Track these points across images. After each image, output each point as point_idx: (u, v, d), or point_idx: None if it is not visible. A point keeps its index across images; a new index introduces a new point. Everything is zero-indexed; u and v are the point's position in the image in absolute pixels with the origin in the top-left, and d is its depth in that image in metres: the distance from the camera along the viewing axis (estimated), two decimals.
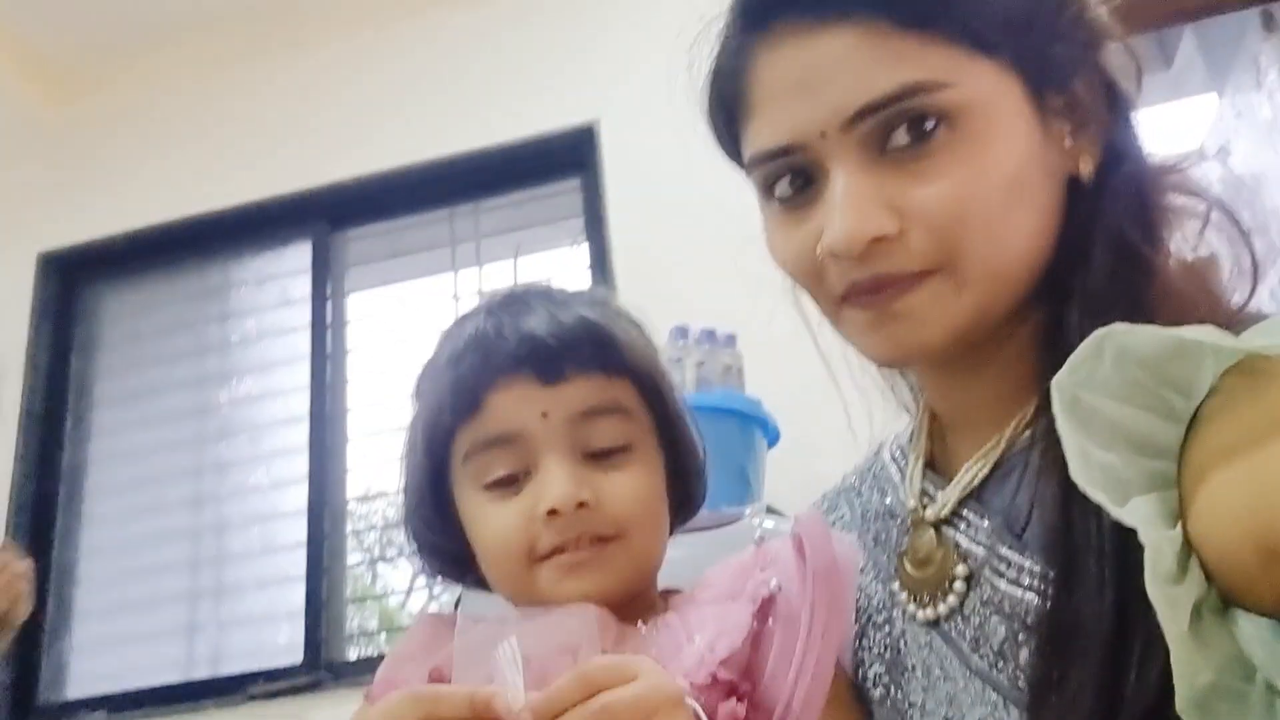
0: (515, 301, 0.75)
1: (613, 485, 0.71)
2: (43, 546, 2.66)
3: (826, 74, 0.63)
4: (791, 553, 0.69)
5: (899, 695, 0.69)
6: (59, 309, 2.91)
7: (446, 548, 0.77)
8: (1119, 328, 0.52)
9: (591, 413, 0.71)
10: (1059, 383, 0.53)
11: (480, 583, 0.77)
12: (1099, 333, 0.53)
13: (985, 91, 0.62)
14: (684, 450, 0.78)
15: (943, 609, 0.67)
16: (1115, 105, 0.67)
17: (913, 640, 0.69)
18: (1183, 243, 0.65)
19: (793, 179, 0.66)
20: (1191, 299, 0.62)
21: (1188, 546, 0.48)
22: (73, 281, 2.96)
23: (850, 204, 0.62)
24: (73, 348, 2.89)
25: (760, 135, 0.67)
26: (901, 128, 0.62)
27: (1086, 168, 0.65)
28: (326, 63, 2.92)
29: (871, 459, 0.83)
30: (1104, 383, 0.52)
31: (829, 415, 0.89)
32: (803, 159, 0.65)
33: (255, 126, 2.91)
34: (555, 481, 0.69)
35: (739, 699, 0.64)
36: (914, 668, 0.68)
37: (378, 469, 2.69)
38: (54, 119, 3.09)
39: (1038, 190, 0.64)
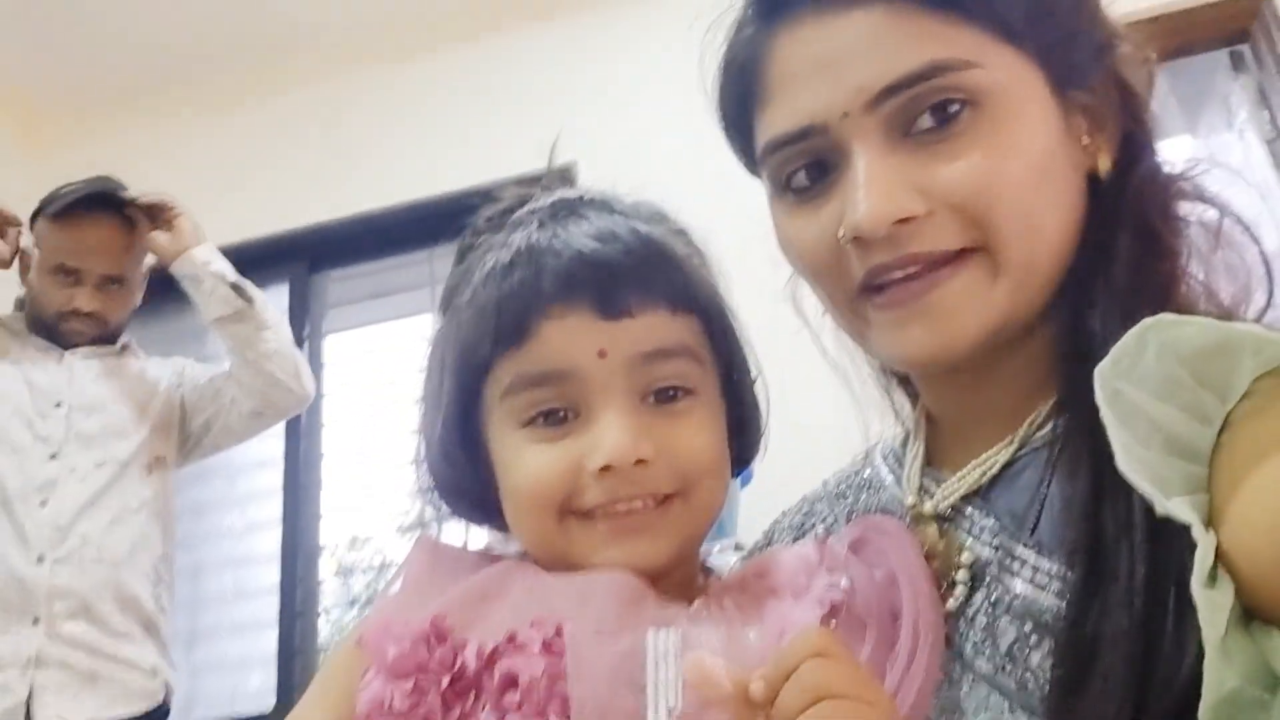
0: (571, 211, 0.66)
1: (676, 436, 0.62)
2: None
3: (850, 53, 0.61)
4: (854, 557, 0.64)
5: None
6: None
7: (469, 488, 0.67)
8: (1166, 318, 0.51)
9: (655, 355, 0.63)
10: (1102, 373, 0.51)
11: (504, 529, 0.68)
12: (1145, 322, 0.51)
13: (1011, 77, 0.61)
14: (747, 400, 0.70)
15: (951, 603, 0.64)
16: (1129, 107, 0.65)
17: None
18: (1194, 253, 0.64)
19: (809, 168, 0.64)
20: (1213, 304, 0.61)
21: (1216, 554, 0.47)
22: None
23: (875, 183, 0.60)
24: None
25: (776, 120, 0.65)
26: (926, 110, 0.60)
27: (1105, 164, 0.64)
28: (305, 105, 2.94)
29: (859, 464, 0.81)
30: (1144, 377, 0.50)
31: (799, 454, 0.89)
32: (822, 142, 0.63)
33: (234, 168, 2.92)
34: (612, 433, 0.60)
35: None
36: None
37: (359, 512, 2.66)
38: (36, 167, 3.09)
39: (1063, 181, 0.62)
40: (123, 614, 1.83)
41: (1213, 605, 0.45)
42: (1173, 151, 0.69)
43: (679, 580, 0.64)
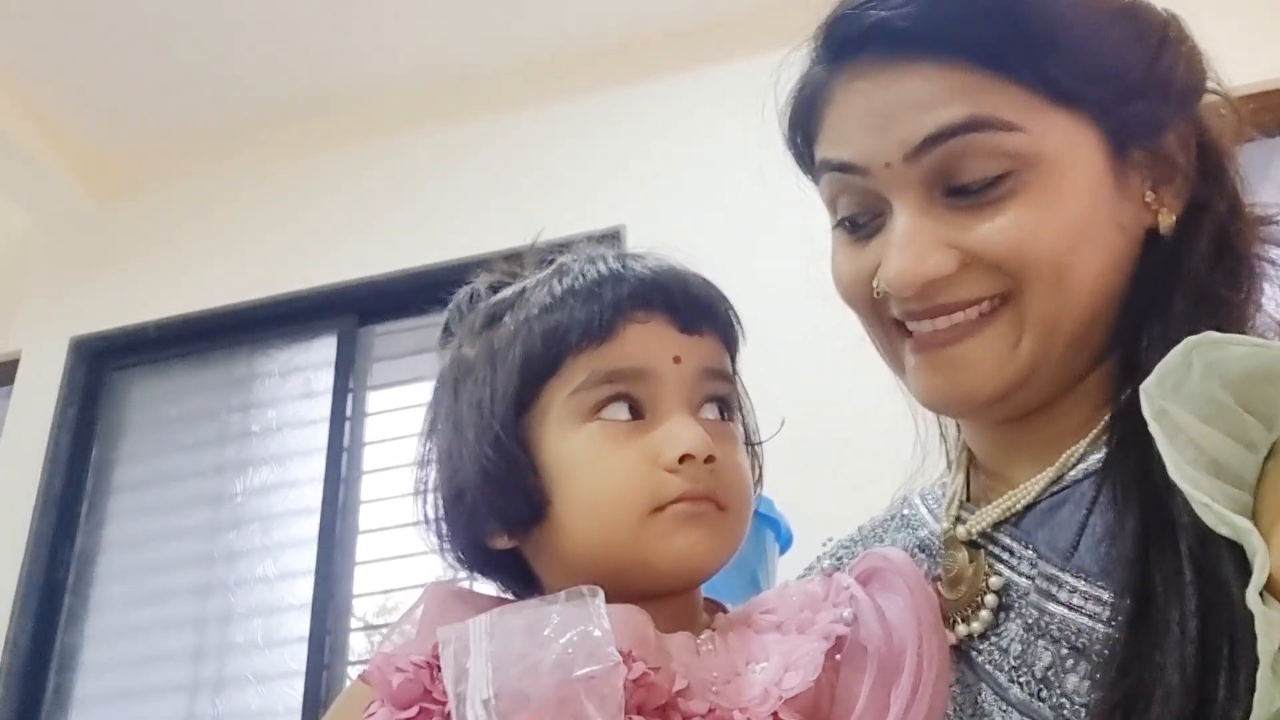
0: (632, 254, 0.71)
1: (727, 454, 0.65)
2: (48, 632, 2.64)
3: (898, 107, 0.63)
4: (863, 590, 0.64)
5: None
6: (85, 393, 2.93)
7: (516, 502, 0.64)
8: (1210, 337, 0.50)
9: (712, 374, 0.67)
10: (1147, 391, 0.51)
11: (512, 578, 0.68)
12: (1189, 340, 0.50)
13: (1058, 143, 0.61)
14: (750, 435, 0.73)
15: (975, 626, 0.64)
16: (1207, 158, 0.65)
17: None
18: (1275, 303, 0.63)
19: (858, 201, 0.66)
20: None
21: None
22: (102, 367, 2.99)
23: (908, 245, 0.62)
24: (95, 433, 2.91)
25: (829, 149, 0.68)
26: (967, 167, 0.61)
27: (1166, 221, 0.64)
28: (359, 162, 3.00)
29: (897, 506, 0.82)
30: (1189, 398, 0.50)
31: (842, 518, 0.88)
32: (868, 183, 0.65)
33: (287, 222, 2.98)
34: (689, 428, 0.63)
35: None
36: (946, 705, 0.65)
37: (394, 564, 2.64)
38: (97, 212, 3.18)
39: (1104, 245, 0.62)
40: None
41: (1269, 620, 0.44)
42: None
43: (683, 614, 0.65)
